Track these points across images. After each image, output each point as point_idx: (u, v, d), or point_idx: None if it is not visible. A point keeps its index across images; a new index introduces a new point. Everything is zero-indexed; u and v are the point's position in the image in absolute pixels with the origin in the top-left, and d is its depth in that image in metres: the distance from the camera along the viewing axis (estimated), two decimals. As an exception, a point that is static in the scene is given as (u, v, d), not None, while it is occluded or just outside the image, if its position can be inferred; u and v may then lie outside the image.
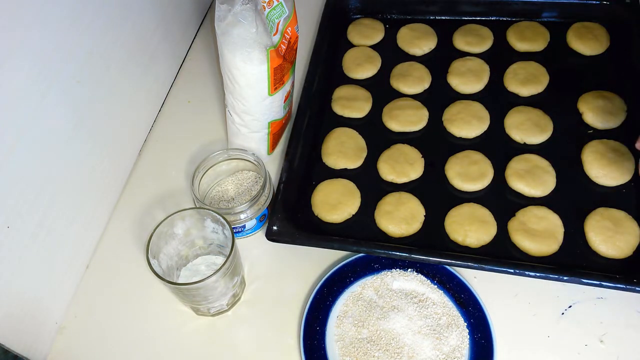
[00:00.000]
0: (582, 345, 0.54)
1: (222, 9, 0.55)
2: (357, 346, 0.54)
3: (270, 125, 0.65)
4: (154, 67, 0.74)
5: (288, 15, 0.58)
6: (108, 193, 0.67)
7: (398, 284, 0.58)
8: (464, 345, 0.54)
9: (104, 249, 0.65)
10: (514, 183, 0.63)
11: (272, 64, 0.57)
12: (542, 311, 0.56)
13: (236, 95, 0.61)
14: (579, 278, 0.53)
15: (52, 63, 0.52)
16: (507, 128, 0.68)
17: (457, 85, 0.73)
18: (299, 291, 0.59)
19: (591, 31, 0.75)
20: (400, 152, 0.67)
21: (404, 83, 0.74)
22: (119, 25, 0.63)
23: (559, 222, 0.59)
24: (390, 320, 0.55)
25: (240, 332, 0.58)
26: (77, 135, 0.58)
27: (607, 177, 0.62)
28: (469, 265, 0.55)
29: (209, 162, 0.63)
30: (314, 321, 0.56)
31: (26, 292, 0.54)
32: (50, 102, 0.53)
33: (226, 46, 0.56)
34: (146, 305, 0.60)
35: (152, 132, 0.75)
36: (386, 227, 0.61)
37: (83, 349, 0.58)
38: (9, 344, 0.51)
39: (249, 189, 0.66)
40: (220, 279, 0.52)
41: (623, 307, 0.55)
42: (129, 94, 0.68)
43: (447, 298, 0.56)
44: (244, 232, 0.63)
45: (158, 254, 0.54)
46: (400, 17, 0.82)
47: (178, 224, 0.55)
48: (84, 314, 0.60)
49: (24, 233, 0.52)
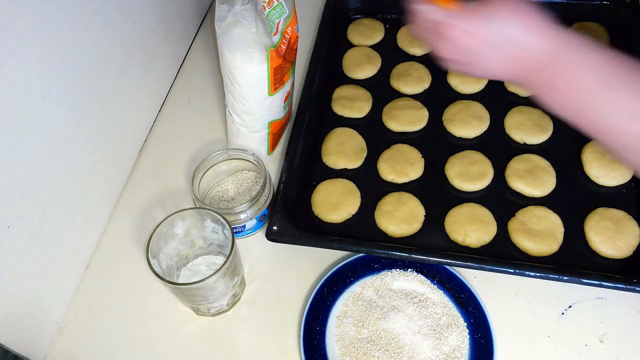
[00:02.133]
0: (582, 345, 0.54)
1: (222, 9, 0.55)
2: (357, 346, 0.54)
3: (270, 125, 0.65)
4: (154, 67, 0.74)
5: (288, 15, 0.58)
6: (108, 193, 0.67)
7: (398, 284, 0.58)
8: (464, 345, 0.54)
9: (104, 249, 0.65)
10: (514, 183, 0.63)
11: (272, 64, 0.57)
12: (542, 311, 0.56)
13: (236, 95, 0.61)
14: (579, 278, 0.53)
15: (52, 63, 0.52)
16: (507, 128, 0.68)
17: (457, 85, 0.73)
18: (299, 291, 0.59)
19: (591, 31, 0.75)
20: (400, 152, 0.67)
21: (404, 83, 0.74)
22: (119, 25, 0.63)
23: (559, 222, 0.59)
24: (390, 320, 0.55)
25: (240, 332, 0.58)
26: (77, 135, 0.58)
27: (607, 177, 0.62)
28: (469, 265, 0.55)
29: (209, 162, 0.63)
30: (314, 321, 0.56)
31: (26, 292, 0.54)
32: (50, 102, 0.53)
33: (226, 46, 0.56)
34: (146, 305, 0.60)
35: (152, 132, 0.75)
36: (386, 227, 0.61)
37: (83, 349, 0.58)
38: (9, 344, 0.51)
39: (249, 189, 0.66)
40: (220, 279, 0.52)
41: (623, 307, 0.55)
42: (129, 94, 0.68)
43: (447, 298, 0.56)
44: (244, 232, 0.63)
45: (158, 254, 0.54)
46: (400, 17, 0.82)
47: (178, 224, 0.55)
48: (84, 314, 0.60)
49: (24, 233, 0.52)
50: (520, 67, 0.45)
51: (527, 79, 0.46)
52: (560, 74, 0.44)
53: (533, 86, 0.46)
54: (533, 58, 0.44)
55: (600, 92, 0.43)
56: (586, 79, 0.43)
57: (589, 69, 0.43)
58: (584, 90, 0.43)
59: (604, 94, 0.42)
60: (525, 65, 0.45)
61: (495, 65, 0.46)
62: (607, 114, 0.43)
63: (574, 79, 0.43)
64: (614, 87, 0.42)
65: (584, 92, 0.43)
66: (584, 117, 0.44)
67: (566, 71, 0.44)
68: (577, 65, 0.43)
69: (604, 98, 0.43)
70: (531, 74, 0.45)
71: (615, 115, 0.43)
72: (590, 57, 0.43)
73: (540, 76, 0.45)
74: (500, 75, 0.48)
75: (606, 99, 0.42)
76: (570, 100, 0.44)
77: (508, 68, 0.46)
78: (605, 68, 0.43)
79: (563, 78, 0.44)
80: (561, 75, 0.44)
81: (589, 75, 0.43)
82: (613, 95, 0.42)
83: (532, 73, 0.45)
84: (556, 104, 0.46)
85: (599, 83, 0.43)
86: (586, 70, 0.43)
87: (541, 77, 0.45)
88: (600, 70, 0.43)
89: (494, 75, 0.48)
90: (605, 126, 0.43)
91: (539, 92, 0.46)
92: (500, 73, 0.47)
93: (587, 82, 0.43)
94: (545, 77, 0.45)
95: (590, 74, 0.43)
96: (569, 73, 0.44)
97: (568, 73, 0.44)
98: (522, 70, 0.45)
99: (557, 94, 0.45)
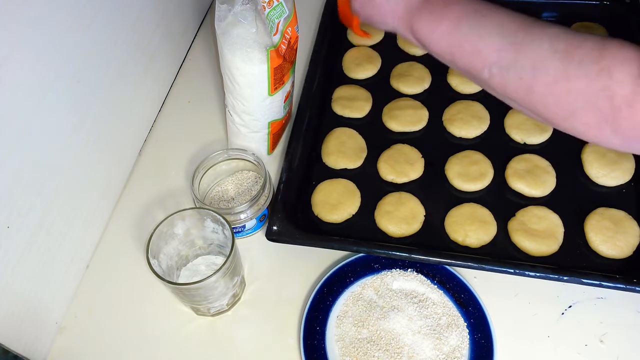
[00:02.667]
0: (582, 345, 0.54)
1: (222, 9, 0.55)
2: (357, 346, 0.54)
3: (270, 125, 0.65)
4: (154, 67, 0.74)
5: (288, 15, 0.58)
6: (108, 193, 0.67)
7: (398, 284, 0.58)
8: (464, 345, 0.54)
9: (104, 249, 0.65)
10: (514, 183, 0.63)
11: (272, 64, 0.57)
12: (542, 311, 0.56)
13: (236, 95, 0.61)
14: (579, 278, 0.53)
15: (52, 63, 0.52)
16: (507, 128, 0.68)
17: (457, 85, 0.73)
18: (299, 291, 0.59)
19: (591, 31, 0.75)
20: (400, 152, 0.67)
21: (404, 83, 0.74)
22: (119, 25, 0.63)
23: (559, 222, 0.59)
24: (390, 320, 0.55)
25: (240, 332, 0.58)
26: (77, 135, 0.58)
27: (607, 177, 0.62)
28: (469, 265, 0.55)
29: (209, 162, 0.63)
30: (314, 321, 0.56)
31: (26, 292, 0.54)
32: (50, 102, 0.53)
33: (226, 46, 0.56)
34: (146, 305, 0.60)
35: (152, 132, 0.75)
36: (386, 227, 0.61)
37: (83, 349, 0.58)
38: (9, 344, 0.51)
39: (249, 189, 0.66)
40: (220, 279, 0.52)
41: (623, 307, 0.55)
42: (129, 94, 0.68)
43: (447, 298, 0.56)
44: (244, 232, 0.63)
45: (158, 254, 0.54)
46: (400, 17, 0.82)
47: (178, 224, 0.55)
48: (84, 314, 0.60)
49: (24, 233, 0.52)
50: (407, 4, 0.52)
51: (412, 16, 0.52)
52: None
53: (417, 26, 0.52)
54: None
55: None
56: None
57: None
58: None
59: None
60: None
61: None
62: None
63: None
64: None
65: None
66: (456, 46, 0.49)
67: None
68: None
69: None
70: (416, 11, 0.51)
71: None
72: None
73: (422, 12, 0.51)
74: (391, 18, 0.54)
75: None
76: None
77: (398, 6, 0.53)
78: None
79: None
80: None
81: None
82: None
83: (416, 3, 0.51)
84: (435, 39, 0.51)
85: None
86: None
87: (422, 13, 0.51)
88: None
89: (385, 19, 0.55)
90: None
91: (420, 30, 0.52)
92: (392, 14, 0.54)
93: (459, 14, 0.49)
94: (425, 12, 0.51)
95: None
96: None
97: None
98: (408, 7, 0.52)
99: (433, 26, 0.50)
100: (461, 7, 0.49)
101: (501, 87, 0.47)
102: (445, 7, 0.50)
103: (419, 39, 0.53)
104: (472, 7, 0.49)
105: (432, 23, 0.50)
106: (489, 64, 0.46)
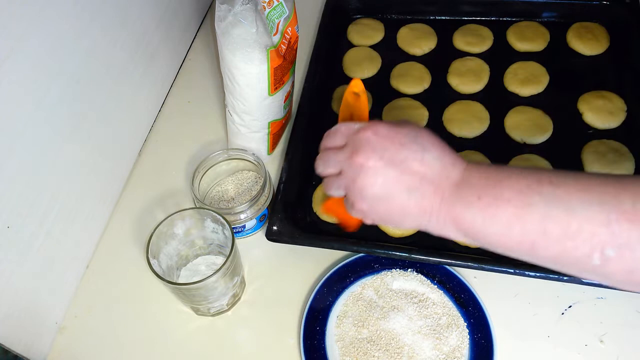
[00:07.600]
0: (582, 345, 0.54)
1: (222, 9, 0.55)
2: (357, 346, 0.54)
3: (270, 125, 0.65)
4: (154, 67, 0.74)
5: (288, 15, 0.58)
6: (108, 193, 0.67)
7: (398, 284, 0.58)
8: (464, 345, 0.54)
9: (104, 249, 0.65)
10: (514, 183, 0.63)
11: (272, 64, 0.57)
12: (542, 311, 0.56)
13: (236, 95, 0.61)
14: (579, 278, 0.53)
15: (51, 63, 0.52)
16: (507, 128, 0.68)
17: (457, 85, 0.73)
18: (299, 291, 0.59)
19: (591, 31, 0.75)
20: (400, 152, 0.67)
21: (404, 83, 0.74)
22: (119, 25, 0.63)
23: (559, 222, 0.59)
24: (390, 320, 0.55)
25: (240, 332, 0.58)
26: (77, 135, 0.58)
27: (607, 177, 0.62)
28: (469, 265, 0.55)
29: (209, 162, 0.63)
30: (314, 321, 0.56)
31: (26, 292, 0.54)
32: (50, 102, 0.53)
33: (226, 46, 0.56)
34: (146, 305, 0.60)
35: (152, 132, 0.75)
36: (386, 227, 0.61)
37: (83, 349, 0.58)
38: (9, 344, 0.51)
39: (249, 189, 0.66)
40: (220, 279, 0.52)
41: (623, 307, 0.55)
42: (129, 94, 0.68)
43: (447, 298, 0.56)
44: (244, 232, 0.63)
45: (158, 254, 0.54)
46: (400, 17, 0.82)
47: (178, 224, 0.55)
48: (84, 314, 0.60)
49: (24, 233, 0.52)
50: (437, 183, 0.42)
51: (442, 197, 0.41)
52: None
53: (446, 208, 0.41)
54: (447, 173, 0.42)
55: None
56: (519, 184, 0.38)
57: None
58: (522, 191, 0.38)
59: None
60: (442, 182, 0.42)
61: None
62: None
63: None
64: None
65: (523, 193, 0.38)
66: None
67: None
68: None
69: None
70: (447, 190, 0.41)
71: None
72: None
73: (461, 191, 0.41)
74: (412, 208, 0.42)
75: None
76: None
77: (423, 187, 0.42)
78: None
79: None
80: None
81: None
82: None
83: (449, 189, 0.41)
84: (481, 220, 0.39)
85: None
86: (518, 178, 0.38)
87: (462, 192, 0.40)
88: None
89: (405, 211, 0.42)
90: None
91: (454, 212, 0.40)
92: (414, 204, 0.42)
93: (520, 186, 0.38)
94: (466, 191, 0.40)
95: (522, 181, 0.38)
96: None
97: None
98: (437, 189, 0.41)
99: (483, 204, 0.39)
100: (517, 180, 0.38)
101: (625, 273, 0.35)
102: (495, 186, 0.39)
103: (473, 236, 0.41)
104: (531, 176, 0.38)
105: (490, 208, 0.39)
106: (599, 246, 0.35)
